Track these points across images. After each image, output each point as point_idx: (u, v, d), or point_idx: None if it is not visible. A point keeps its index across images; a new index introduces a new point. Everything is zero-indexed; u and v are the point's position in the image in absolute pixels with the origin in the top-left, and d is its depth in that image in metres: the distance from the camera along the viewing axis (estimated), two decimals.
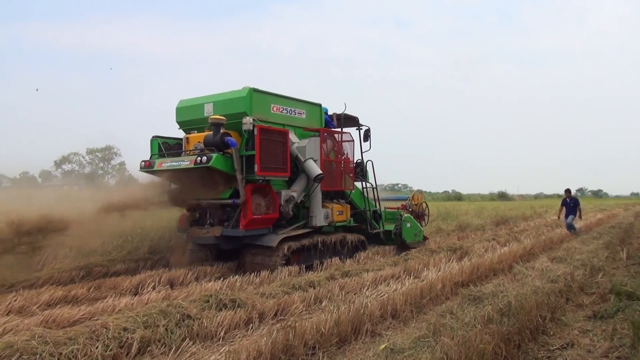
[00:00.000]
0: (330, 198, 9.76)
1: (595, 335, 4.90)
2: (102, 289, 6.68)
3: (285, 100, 8.95)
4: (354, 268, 8.05)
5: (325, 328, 4.58)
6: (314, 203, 9.08)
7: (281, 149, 8.21)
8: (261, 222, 8.13)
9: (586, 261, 7.92)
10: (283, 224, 8.71)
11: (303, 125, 9.32)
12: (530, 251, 10.21)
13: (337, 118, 10.22)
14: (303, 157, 8.69)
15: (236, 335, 4.87)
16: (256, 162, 7.74)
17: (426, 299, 6.21)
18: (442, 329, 4.08)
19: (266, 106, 8.52)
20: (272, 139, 8.05)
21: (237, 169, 7.66)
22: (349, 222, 9.97)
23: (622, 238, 13.26)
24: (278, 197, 8.39)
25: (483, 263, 8.15)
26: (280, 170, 8.22)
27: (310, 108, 9.54)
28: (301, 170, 8.85)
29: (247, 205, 7.84)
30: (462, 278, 7.26)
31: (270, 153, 7.97)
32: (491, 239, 12.73)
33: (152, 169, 8.31)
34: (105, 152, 73.70)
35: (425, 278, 7.95)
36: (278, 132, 8.25)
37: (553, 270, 6.88)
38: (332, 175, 9.41)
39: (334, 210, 9.41)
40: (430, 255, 9.67)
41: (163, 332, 4.34)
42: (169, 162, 8.10)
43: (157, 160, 8.35)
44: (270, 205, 8.27)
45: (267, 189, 8.31)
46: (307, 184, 8.98)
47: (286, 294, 6.04)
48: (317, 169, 8.64)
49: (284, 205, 8.41)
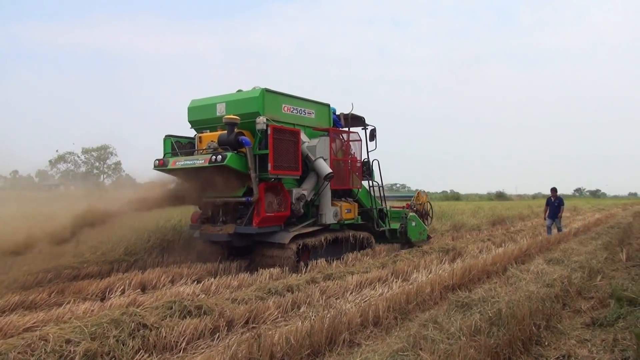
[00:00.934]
0: (338, 196, 9.89)
1: (594, 346, 4.47)
2: (66, 293, 6.22)
3: (296, 100, 9.12)
4: (339, 270, 7.60)
5: (297, 338, 4.14)
6: (324, 201, 9.25)
7: (293, 148, 8.38)
8: (273, 220, 8.30)
9: (584, 263, 7.48)
10: (293, 222, 8.85)
11: (312, 125, 9.47)
12: (526, 252, 9.76)
13: (344, 118, 10.44)
14: (313, 156, 8.86)
15: (200, 345, 4.42)
16: (269, 161, 7.89)
17: (412, 304, 5.76)
18: (423, 342, 3.64)
19: (277, 106, 8.67)
20: (285, 138, 8.22)
21: (251, 167, 7.78)
22: (357, 220, 10.10)
23: (621, 238, 12.83)
24: (289, 195, 8.54)
25: (476, 265, 7.71)
26: (292, 169, 8.40)
27: (319, 108, 9.70)
28: (311, 169, 9.00)
29: (261, 203, 7.99)
30: (453, 281, 6.81)
31: (282, 152, 8.14)
32: (486, 239, 12.30)
33: (166, 167, 8.35)
34: (101, 152, 73.15)
35: (415, 281, 7.55)
36: (290, 131, 8.42)
37: (549, 273, 6.43)
38: (341, 174, 9.61)
39: (342, 208, 9.57)
40: (422, 256, 9.24)
41: (113, 343, 3.88)
42: (183, 160, 8.18)
43: (170, 159, 8.42)
44: (282, 203, 8.44)
45: (279, 187, 8.47)
46: (316, 183, 9.13)
47: (261, 299, 5.59)
48: (328, 168, 8.82)
49: (295, 203, 8.57)
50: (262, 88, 8.36)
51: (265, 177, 8.06)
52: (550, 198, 13.89)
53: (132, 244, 8.85)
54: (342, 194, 10.09)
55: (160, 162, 8.44)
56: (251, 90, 8.56)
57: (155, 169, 8.55)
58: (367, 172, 10.68)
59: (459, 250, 10.06)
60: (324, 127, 9.64)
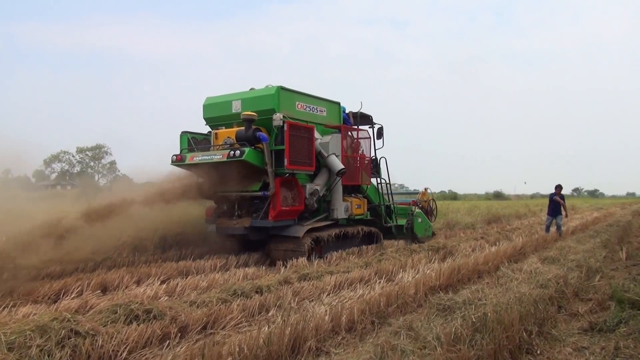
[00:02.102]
0: (347, 192, 10.08)
1: (593, 354, 3.95)
2: (14, 295, 5.66)
3: (309, 98, 9.35)
4: (319, 270, 7.06)
5: (252, 347, 3.61)
6: (336, 197, 9.47)
7: (307, 144, 8.59)
8: (288, 214, 8.46)
9: (582, 262, 6.96)
10: (306, 216, 9.05)
11: (324, 122, 9.69)
12: (521, 250, 9.26)
13: (353, 116, 10.71)
14: (326, 153, 9.04)
15: (144, 355, 3.87)
16: (285, 156, 8.06)
17: (393, 307, 5.23)
18: (391, 353, 3.10)
19: (292, 103, 8.88)
20: (300, 134, 8.42)
21: (268, 162, 7.95)
22: (366, 216, 10.38)
23: (621, 236, 12.33)
24: (303, 190, 8.71)
25: (466, 264, 7.19)
26: (306, 165, 8.60)
27: (330, 106, 9.94)
28: (323, 165, 9.20)
29: (277, 197, 8.14)
30: (440, 282, 6.29)
31: (298, 148, 8.34)
32: (480, 237, 11.75)
33: (184, 162, 8.54)
34: (96, 151, 72.45)
35: (400, 281, 7.03)
36: (305, 128, 8.65)
37: (543, 272, 5.90)
38: (351, 171, 9.79)
39: (353, 203, 9.80)
40: (409, 255, 8.70)
41: (36, 354, 3.34)
42: (201, 156, 8.36)
43: (188, 155, 8.59)
44: (296, 197, 8.61)
45: (294, 182, 8.64)
46: (328, 178, 9.32)
47: (224, 302, 5.04)
48: (340, 164, 9.00)
49: (309, 198, 8.74)
50: (278, 86, 8.56)
51: (281, 172, 8.25)
52: (553, 194, 13.27)
53: (102, 243, 8.30)
54: (352, 190, 10.28)
55: (178, 158, 8.60)
56: (266, 88, 8.77)
57: (173, 164, 8.71)
58: (375, 169, 10.99)
59: (450, 248, 9.51)
60: (335, 124, 9.89)
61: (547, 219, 13.06)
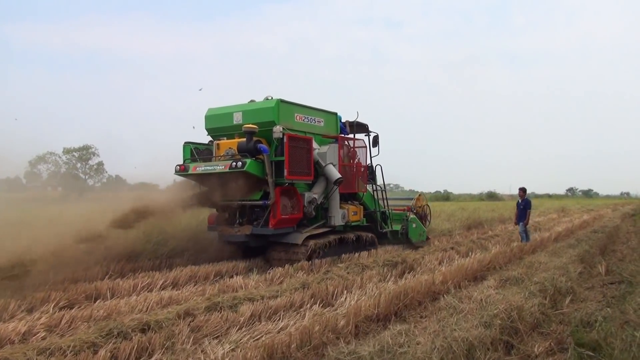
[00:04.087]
0: (344, 199, 10.33)
1: None
2: None
3: (307, 109, 9.64)
4: (236, 295, 5.99)
5: None
6: (333, 204, 9.75)
7: (306, 154, 8.90)
8: (288, 222, 8.78)
9: (548, 284, 5.99)
10: (305, 224, 9.33)
11: (322, 132, 9.97)
12: (489, 264, 8.31)
13: (349, 125, 10.99)
14: (324, 162, 9.33)
15: None
16: (285, 167, 8.35)
17: (307, 347, 4.28)
18: None
19: (291, 115, 9.15)
20: (299, 145, 8.73)
21: (269, 173, 8.25)
22: (363, 222, 10.66)
23: (604, 245, 11.41)
24: (302, 198, 9.00)
25: (417, 286, 6.21)
26: (305, 174, 8.91)
27: (328, 116, 10.22)
28: (321, 174, 9.48)
29: (277, 206, 8.47)
30: (378, 310, 5.33)
31: (297, 159, 8.64)
32: (450, 247, 10.78)
33: (187, 172, 8.85)
34: (83, 152, 71.14)
35: (340, 306, 6.08)
36: (304, 139, 8.95)
37: (495, 302, 4.92)
38: (348, 179, 10.05)
39: (349, 211, 10.13)
40: (361, 271, 7.73)
41: None
42: (204, 166, 8.68)
43: (191, 165, 8.91)
44: (295, 206, 8.93)
45: (293, 191, 8.93)
46: (326, 187, 9.59)
47: (91, 346, 4.05)
48: (337, 173, 9.32)
49: (307, 206, 9.07)
50: (277, 99, 8.82)
51: (281, 181, 8.51)
52: (518, 200, 12.32)
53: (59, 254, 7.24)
54: (348, 197, 10.59)
55: (182, 168, 8.90)
56: (266, 100, 9.03)
57: (177, 174, 9.03)
58: (371, 176, 11.25)
59: (412, 263, 8.50)
60: (333, 134, 10.18)
61: (520, 227, 12.17)
